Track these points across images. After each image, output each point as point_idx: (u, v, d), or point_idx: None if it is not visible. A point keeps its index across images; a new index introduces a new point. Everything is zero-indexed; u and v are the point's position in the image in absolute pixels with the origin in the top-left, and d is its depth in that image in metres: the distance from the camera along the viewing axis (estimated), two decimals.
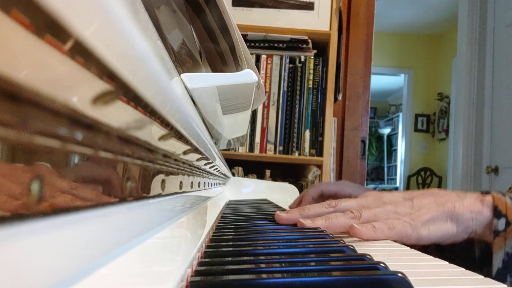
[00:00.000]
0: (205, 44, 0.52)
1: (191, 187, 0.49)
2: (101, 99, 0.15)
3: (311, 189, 0.87)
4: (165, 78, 0.21)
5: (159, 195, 0.30)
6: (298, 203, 0.88)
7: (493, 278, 0.47)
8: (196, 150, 0.39)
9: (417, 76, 4.84)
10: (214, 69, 0.51)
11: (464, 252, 0.59)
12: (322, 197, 0.85)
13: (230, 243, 0.41)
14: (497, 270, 0.49)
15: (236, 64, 0.52)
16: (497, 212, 0.49)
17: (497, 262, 0.49)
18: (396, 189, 5.18)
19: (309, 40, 1.57)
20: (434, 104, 4.76)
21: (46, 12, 0.10)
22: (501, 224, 0.49)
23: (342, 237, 0.49)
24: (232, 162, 1.54)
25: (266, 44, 1.57)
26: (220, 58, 0.53)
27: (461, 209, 0.50)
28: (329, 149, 1.55)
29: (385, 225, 0.50)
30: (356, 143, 1.87)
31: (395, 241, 0.50)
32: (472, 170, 2.59)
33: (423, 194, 0.53)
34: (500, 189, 0.57)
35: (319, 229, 0.51)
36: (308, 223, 0.52)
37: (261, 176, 1.59)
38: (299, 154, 1.55)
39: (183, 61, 0.39)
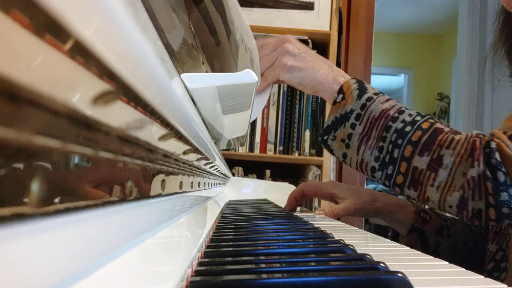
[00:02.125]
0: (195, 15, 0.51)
1: (191, 187, 0.49)
2: (101, 99, 0.15)
3: (294, 190, 0.92)
4: (165, 78, 0.21)
5: (159, 195, 0.30)
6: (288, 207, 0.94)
7: (323, 131, 0.72)
8: (196, 150, 0.39)
9: (417, 76, 4.84)
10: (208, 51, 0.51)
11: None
12: (304, 197, 0.90)
13: (230, 243, 0.41)
14: (326, 126, 0.71)
15: (227, 32, 0.52)
16: (340, 90, 0.71)
17: (328, 121, 0.71)
18: None
19: (309, 40, 1.57)
20: (434, 104, 4.76)
21: (46, 12, 0.10)
22: (339, 97, 0.70)
23: (342, 237, 0.49)
24: (232, 162, 1.54)
25: None
26: (211, 31, 0.52)
27: (323, 75, 0.73)
28: None
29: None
30: None
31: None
32: None
33: (316, 57, 0.76)
34: None
35: (319, 229, 0.51)
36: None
37: (261, 176, 1.59)
38: (299, 154, 1.55)
39: (183, 61, 0.39)
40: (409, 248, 0.46)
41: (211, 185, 0.80)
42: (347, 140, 0.69)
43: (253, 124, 1.54)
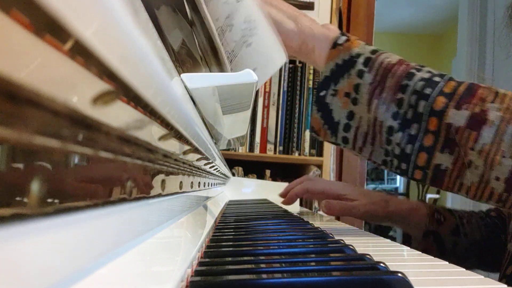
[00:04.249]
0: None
1: (191, 187, 0.49)
2: (101, 99, 0.15)
3: (297, 187, 0.86)
4: (165, 78, 0.21)
5: (159, 195, 0.30)
6: (284, 196, 0.90)
7: (319, 85, 0.57)
8: (196, 150, 0.39)
9: None
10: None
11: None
12: (307, 195, 0.86)
13: (230, 243, 0.41)
14: (324, 78, 0.56)
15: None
16: (341, 33, 0.57)
17: (326, 71, 0.56)
18: (396, 189, 5.18)
19: None
20: None
21: (46, 12, 0.10)
22: (341, 39, 0.56)
23: (342, 237, 0.49)
24: (232, 162, 1.54)
25: None
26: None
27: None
28: (329, 149, 1.55)
29: None
30: None
31: None
32: None
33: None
34: None
35: (319, 229, 0.51)
36: None
37: (261, 176, 1.59)
38: (299, 154, 1.55)
39: (183, 61, 0.39)
40: (409, 248, 0.46)
41: (211, 185, 0.80)
42: (354, 94, 0.54)
43: (253, 124, 1.54)
